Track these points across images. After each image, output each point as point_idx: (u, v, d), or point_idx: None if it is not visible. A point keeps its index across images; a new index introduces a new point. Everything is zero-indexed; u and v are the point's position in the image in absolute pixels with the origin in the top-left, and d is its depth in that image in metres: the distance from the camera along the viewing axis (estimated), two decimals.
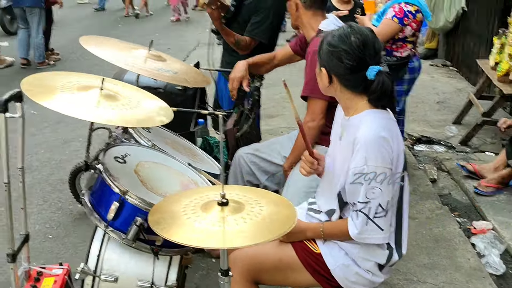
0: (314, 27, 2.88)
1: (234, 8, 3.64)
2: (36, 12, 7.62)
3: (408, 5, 3.96)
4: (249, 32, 3.53)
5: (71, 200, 4.03)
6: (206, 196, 1.91)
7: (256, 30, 3.51)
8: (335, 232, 2.17)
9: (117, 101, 2.06)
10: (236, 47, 3.54)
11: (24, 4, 7.51)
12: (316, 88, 2.55)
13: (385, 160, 2.00)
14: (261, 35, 3.53)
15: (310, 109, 2.82)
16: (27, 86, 2.01)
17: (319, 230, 2.19)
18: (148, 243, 2.15)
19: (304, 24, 2.93)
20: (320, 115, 2.78)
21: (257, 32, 3.52)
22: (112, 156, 2.29)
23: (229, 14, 3.67)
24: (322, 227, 2.19)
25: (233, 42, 3.52)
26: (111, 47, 2.67)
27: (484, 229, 3.77)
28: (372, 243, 2.11)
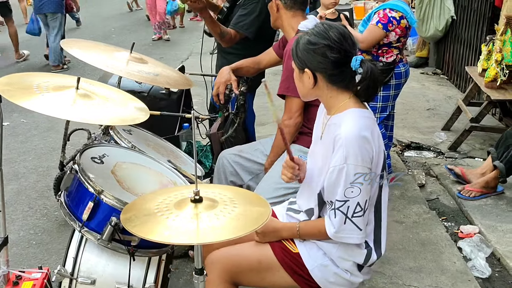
0: (294, 27, 2.89)
1: (227, 9, 3.65)
2: (58, 18, 8.04)
3: (393, 11, 3.99)
4: (233, 24, 3.51)
5: (56, 207, 4.01)
6: (180, 194, 1.90)
7: (241, 23, 3.49)
8: (312, 231, 2.16)
9: (93, 100, 2.06)
10: (220, 39, 3.49)
11: (47, 10, 7.93)
12: (292, 86, 2.58)
13: (365, 160, 2.00)
14: (245, 28, 3.50)
15: (287, 107, 2.84)
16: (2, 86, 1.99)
17: (295, 230, 2.18)
18: (123, 243, 2.13)
19: (284, 25, 2.95)
20: (297, 113, 2.80)
21: (242, 25, 3.49)
22: (89, 157, 2.28)
23: (222, 15, 3.69)
24: (298, 226, 2.19)
25: (218, 33, 3.46)
26: (93, 50, 2.67)
27: (471, 233, 3.76)
28: (350, 243, 2.10)
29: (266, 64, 3.32)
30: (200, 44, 4.07)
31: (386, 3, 4.06)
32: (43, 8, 7.94)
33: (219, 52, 3.89)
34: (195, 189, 1.80)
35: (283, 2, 2.89)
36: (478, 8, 6.74)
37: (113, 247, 2.13)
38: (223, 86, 3.12)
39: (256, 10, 3.49)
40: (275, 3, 2.91)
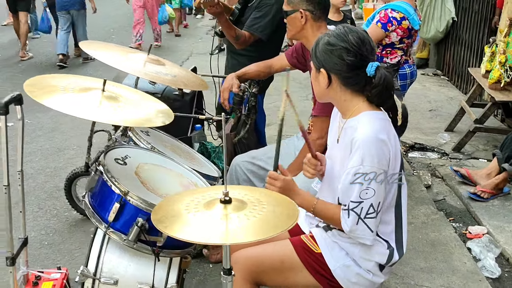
0: None
1: (238, 10, 3.67)
2: (82, 13, 8.73)
3: (394, 12, 4.00)
4: (248, 27, 3.52)
5: (66, 207, 4.01)
6: (208, 195, 1.91)
7: (255, 26, 3.51)
8: (327, 213, 2.17)
9: (119, 102, 2.07)
10: (235, 41, 3.52)
11: (71, 8, 8.54)
12: (326, 107, 2.61)
13: (381, 162, 2.03)
14: (260, 31, 3.52)
15: (319, 127, 2.82)
16: (30, 88, 2.00)
17: (312, 203, 2.19)
18: (149, 244, 2.15)
19: (309, 37, 2.85)
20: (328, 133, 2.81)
21: (257, 28, 3.51)
22: (113, 158, 2.29)
23: (233, 17, 3.70)
24: (316, 202, 2.19)
25: (233, 36, 3.48)
26: (110, 51, 2.68)
27: (479, 234, 3.80)
28: (362, 242, 2.12)
29: (278, 69, 3.33)
30: (199, 45, 4.10)
31: (389, 3, 4.08)
32: (67, 5, 8.47)
33: (229, 53, 3.90)
34: (225, 190, 1.81)
35: (313, 13, 2.81)
36: (479, 10, 6.79)
37: (138, 248, 2.14)
38: (226, 92, 3.13)
39: (271, 12, 3.51)
40: (303, 14, 2.79)
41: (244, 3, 3.70)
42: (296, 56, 3.17)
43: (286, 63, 3.27)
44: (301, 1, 2.79)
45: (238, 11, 3.71)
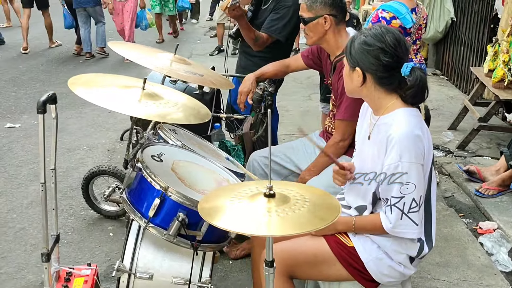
0: (340, 44, 2.87)
1: (251, 13, 3.72)
2: (98, 10, 9.27)
3: (384, 12, 4.01)
4: (266, 28, 3.56)
5: (82, 206, 4.05)
6: (250, 190, 1.96)
7: (273, 27, 3.55)
8: (367, 226, 2.24)
9: (159, 100, 2.12)
10: (254, 43, 3.56)
11: (87, 5, 9.06)
12: (353, 112, 2.68)
13: (418, 157, 2.09)
14: (278, 32, 3.57)
15: (342, 130, 2.90)
16: (74, 85, 2.04)
17: (351, 224, 2.26)
18: (188, 238, 2.19)
19: (330, 41, 2.90)
20: (350, 136, 2.88)
21: (275, 29, 3.56)
22: (149, 155, 2.33)
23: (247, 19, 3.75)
24: (354, 220, 2.26)
25: (253, 38, 3.52)
26: (138, 51, 2.72)
27: (490, 229, 3.88)
28: (406, 237, 2.18)
29: (294, 69, 3.38)
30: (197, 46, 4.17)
31: (382, 4, 4.10)
32: (83, 2, 9.00)
33: (242, 54, 3.95)
34: (269, 184, 1.86)
35: (336, 17, 2.84)
36: (479, 10, 6.89)
37: (177, 242, 2.18)
38: (244, 96, 3.18)
39: (288, 14, 3.56)
40: (328, 19, 2.82)
41: (257, 6, 3.75)
42: (312, 57, 3.23)
43: (301, 63, 3.33)
44: (324, 7, 2.82)
45: (252, 13, 3.75)
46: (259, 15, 3.72)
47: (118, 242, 3.60)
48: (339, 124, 2.94)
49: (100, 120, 6.16)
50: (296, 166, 3.22)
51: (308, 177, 3.01)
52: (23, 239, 3.67)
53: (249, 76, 3.22)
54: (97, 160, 4.97)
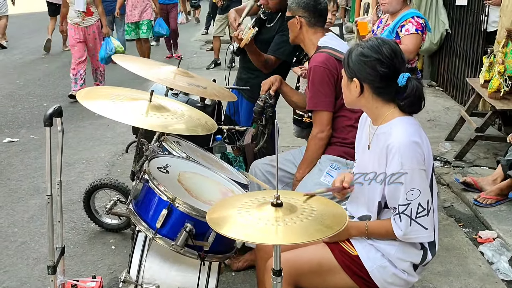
0: (315, 44, 3.08)
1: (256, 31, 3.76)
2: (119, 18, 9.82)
3: (419, 19, 4.11)
4: (274, 51, 3.61)
5: (83, 220, 4.05)
6: (257, 200, 1.99)
7: (281, 50, 3.61)
8: (380, 230, 2.26)
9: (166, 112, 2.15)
10: (264, 66, 3.60)
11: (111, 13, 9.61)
12: (320, 101, 2.90)
13: (419, 163, 2.13)
14: (285, 54, 3.65)
15: (318, 121, 3.01)
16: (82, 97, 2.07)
17: (363, 229, 2.27)
18: (195, 249, 2.21)
19: (306, 42, 3.13)
20: (328, 125, 2.99)
21: (282, 52, 3.62)
22: (155, 167, 2.36)
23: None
24: (367, 225, 2.27)
25: (262, 61, 3.57)
26: (142, 64, 2.76)
27: (490, 238, 3.90)
28: (418, 242, 2.22)
29: None
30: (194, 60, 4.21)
31: (408, 11, 4.14)
32: (109, 11, 9.34)
33: (243, 68, 3.98)
34: (276, 194, 1.88)
35: (307, 20, 3.07)
36: (473, 22, 6.98)
37: (184, 253, 2.20)
38: (267, 85, 3.21)
39: None
40: (298, 20, 3.08)
41: (261, 23, 3.79)
42: None
43: None
44: (298, 8, 3.08)
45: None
46: (263, 32, 3.74)
47: (120, 255, 3.60)
48: (313, 117, 3.07)
49: (98, 134, 6.18)
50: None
51: (298, 176, 3.12)
52: (25, 253, 3.67)
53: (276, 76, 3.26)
54: (96, 174, 4.98)
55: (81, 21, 7.54)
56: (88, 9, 7.53)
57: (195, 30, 14.93)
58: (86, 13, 7.54)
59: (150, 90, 2.17)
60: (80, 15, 7.51)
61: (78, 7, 7.43)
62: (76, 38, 7.62)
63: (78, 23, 7.55)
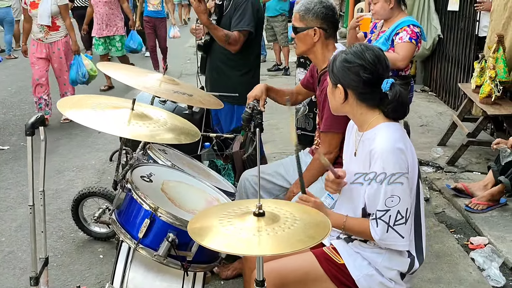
0: (327, 57, 2.91)
1: (215, 22, 3.82)
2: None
3: (415, 27, 4.07)
4: (235, 26, 3.70)
5: (71, 229, 4.02)
6: (240, 209, 1.96)
7: (241, 23, 3.69)
8: (357, 228, 2.23)
9: (148, 120, 2.12)
10: (226, 42, 3.68)
11: None
12: (335, 123, 2.76)
13: (402, 168, 2.11)
14: (246, 24, 3.70)
15: (327, 143, 2.92)
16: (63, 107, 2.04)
17: (341, 221, 2.24)
18: (178, 259, 2.18)
19: (318, 55, 2.95)
20: (336, 148, 2.91)
21: (242, 24, 3.69)
22: (138, 176, 2.33)
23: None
24: (346, 218, 2.24)
25: (223, 36, 3.64)
26: (127, 72, 2.73)
27: (481, 244, 3.88)
28: (394, 249, 2.19)
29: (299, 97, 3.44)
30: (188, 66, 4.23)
31: (404, 19, 4.10)
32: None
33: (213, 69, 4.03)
34: (258, 203, 1.86)
35: (326, 31, 2.90)
36: (465, 27, 6.98)
37: (167, 263, 2.17)
38: (251, 98, 3.16)
39: (249, 7, 3.73)
40: (317, 31, 2.88)
41: (220, 14, 3.88)
42: (307, 77, 3.27)
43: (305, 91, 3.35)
44: (316, 19, 2.88)
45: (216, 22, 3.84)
46: (222, 22, 3.84)
47: (108, 264, 3.56)
48: (323, 137, 2.98)
49: (89, 141, 6.14)
50: (287, 181, 3.24)
51: (296, 190, 3.03)
52: (11, 263, 3.63)
53: (261, 84, 3.23)
54: (87, 182, 4.94)
55: (44, 37, 6.53)
56: (53, 23, 6.49)
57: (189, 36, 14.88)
58: (51, 28, 6.50)
59: (133, 99, 2.15)
60: (43, 29, 6.49)
61: (41, 21, 6.39)
62: (37, 55, 6.58)
63: (41, 39, 6.54)
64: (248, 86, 3.81)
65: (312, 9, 2.90)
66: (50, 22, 6.42)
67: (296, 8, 2.99)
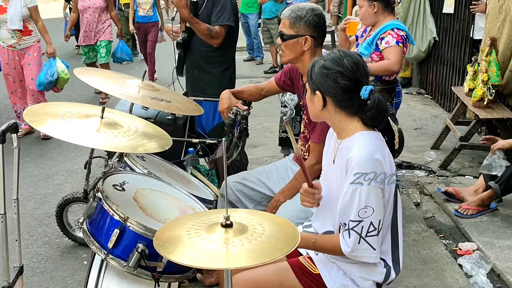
0: None
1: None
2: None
3: (400, 31, 4.02)
4: (215, 21, 3.79)
5: (57, 234, 4.00)
6: (209, 219, 1.93)
7: (221, 17, 3.78)
8: (327, 245, 2.19)
9: (118, 129, 2.09)
10: (208, 36, 3.78)
11: None
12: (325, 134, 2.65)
13: (377, 181, 2.07)
14: (227, 19, 3.80)
15: (317, 153, 2.83)
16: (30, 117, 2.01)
17: (310, 242, 2.20)
18: (149, 269, 2.15)
19: (306, 62, 2.86)
20: None
21: (223, 18, 3.78)
22: (111, 184, 2.30)
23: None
24: (314, 238, 2.21)
25: (205, 30, 3.74)
26: (104, 78, 2.70)
27: (469, 250, 3.84)
28: (365, 261, 2.15)
29: (267, 93, 3.40)
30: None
31: (388, 23, 4.05)
32: None
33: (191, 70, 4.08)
34: (226, 214, 1.83)
35: (316, 40, 2.85)
36: (460, 30, 6.94)
37: (138, 274, 2.14)
38: (226, 112, 3.17)
39: (228, 2, 3.83)
40: (308, 40, 2.82)
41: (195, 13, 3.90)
42: (284, 79, 3.24)
43: (275, 86, 3.33)
44: (308, 27, 2.81)
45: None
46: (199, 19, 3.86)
47: None
48: (314, 147, 2.92)
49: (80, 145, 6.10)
50: (270, 189, 3.21)
51: (282, 200, 2.99)
52: None
53: (224, 92, 3.22)
54: (75, 186, 4.92)
55: (17, 43, 6.10)
56: (25, 27, 6.06)
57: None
58: (24, 32, 6.10)
59: (102, 106, 2.12)
60: (15, 35, 6.07)
61: (12, 25, 5.96)
62: (10, 65, 6.15)
63: (13, 45, 6.10)
64: (229, 82, 3.97)
65: (304, 16, 2.83)
66: (22, 26, 6.02)
67: (285, 13, 2.89)
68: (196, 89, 4.02)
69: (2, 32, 6.09)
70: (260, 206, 3.21)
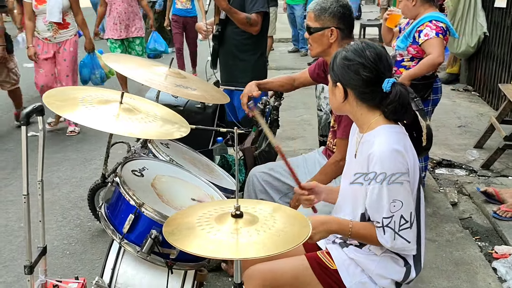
0: None
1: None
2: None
3: (439, 23, 3.89)
4: (251, 9, 3.80)
5: (89, 217, 4.06)
6: (220, 209, 1.91)
7: (256, 5, 3.78)
8: (364, 233, 2.11)
9: (137, 115, 2.09)
10: (247, 25, 3.79)
11: None
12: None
13: (401, 169, 2.00)
14: (262, 6, 3.82)
15: (342, 149, 2.75)
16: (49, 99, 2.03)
17: (347, 226, 2.11)
18: (162, 256, 2.15)
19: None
20: None
21: (258, 5, 3.78)
22: (130, 170, 2.31)
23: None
24: (352, 224, 2.12)
25: (244, 19, 3.75)
26: (132, 64, 2.71)
27: (506, 254, 3.69)
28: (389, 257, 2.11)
29: (299, 84, 3.35)
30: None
31: (426, 15, 3.92)
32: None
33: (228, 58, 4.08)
34: (236, 204, 1.80)
35: (343, 31, 2.80)
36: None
37: (151, 260, 2.14)
38: (245, 98, 3.14)
39: None
40: (334, 32, 2.77)
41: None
42: (317, 71, 3.19)
43: (308, 78, 3.28)
44: (333, 19, 2.76)
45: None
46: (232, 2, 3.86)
47: None
48: (339, 142, 2.86)
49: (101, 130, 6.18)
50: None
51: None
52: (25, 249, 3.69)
53: (250, 83, 3.19)
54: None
55: (52, 36, 5.75)
56: (63, 19, 5.68)
57: None
58: (61, 25, 5.72)
59: (121, 92, 2.12)
60: (51, 27, 5.70)
61: (51, 18, 5.59)
62: (42, 57, 5.78)
63: (48, 38, 5.76)
64: (262, 68, 3.98)
65: (329, 8, 2.78)
66: (61, 19, 5.65)
67: (311, 7, 2.87)
68: (230, 78, 4.00)
69: (39, 23, 5.71)
70: (286, 198, 3.17)
